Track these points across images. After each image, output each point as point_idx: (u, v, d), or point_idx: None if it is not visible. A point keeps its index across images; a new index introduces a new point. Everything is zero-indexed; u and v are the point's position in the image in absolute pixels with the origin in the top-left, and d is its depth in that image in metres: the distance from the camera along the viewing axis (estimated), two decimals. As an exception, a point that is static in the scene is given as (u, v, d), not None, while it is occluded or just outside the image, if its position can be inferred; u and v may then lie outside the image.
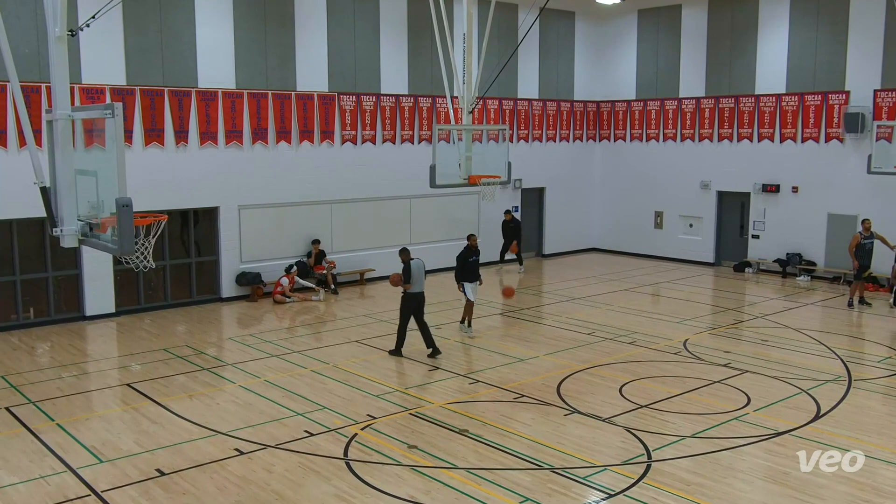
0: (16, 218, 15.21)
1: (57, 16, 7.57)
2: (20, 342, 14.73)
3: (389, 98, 20.44)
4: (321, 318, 16.91)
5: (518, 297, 19.48)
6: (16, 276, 15.64)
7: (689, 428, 10.25)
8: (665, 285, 20.45)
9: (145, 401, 11.44)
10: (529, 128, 23.78)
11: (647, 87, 24.41)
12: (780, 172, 21.59)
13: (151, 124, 16.67)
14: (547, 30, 23.70)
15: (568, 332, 15.36)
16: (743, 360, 13.43)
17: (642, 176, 24.70)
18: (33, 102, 14.48)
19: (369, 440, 9.91)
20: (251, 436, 10.06)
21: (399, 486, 8.61)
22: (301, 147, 18.95)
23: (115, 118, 6.93)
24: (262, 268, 18.48)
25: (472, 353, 13.98)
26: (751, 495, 8.42)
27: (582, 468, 9.07)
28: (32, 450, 9.64)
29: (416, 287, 13.45)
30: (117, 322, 16.32)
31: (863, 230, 17.20)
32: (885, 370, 12.91)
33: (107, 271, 16.38)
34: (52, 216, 7.79)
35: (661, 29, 23.85)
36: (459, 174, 15.76)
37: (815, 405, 11.17)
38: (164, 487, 8.59)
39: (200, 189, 17.45)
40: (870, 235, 17.08)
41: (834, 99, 20.41)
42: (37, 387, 12.04)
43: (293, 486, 8.65)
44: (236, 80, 17.81)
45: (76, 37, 10.28)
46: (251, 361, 13.49)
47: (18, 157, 14.80)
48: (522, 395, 11.61)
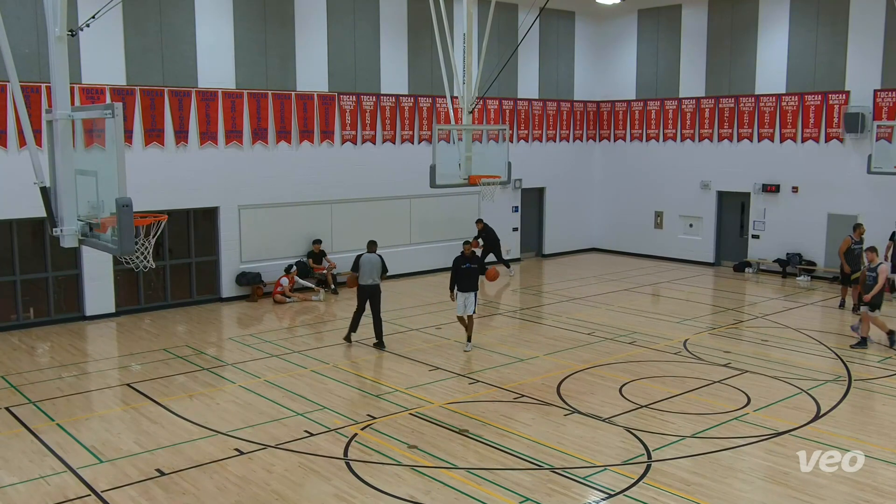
0: (16, 218, 15.22)
1: (57, 16, 7.57)
2: (20, 342, 14.73)
3: (389, 98, 20.44)
4: (321, 318, 16.91)
5: (518, 297, 19.51)
6: (16, 276, 15.63)
7: (689, 428, 10.25)
8: (665, 285, 20.45)
9: (145, 401, 11.44)
10: (529, 128, 23.78)
11: (647, 87, 24.41)
12: (780, 172, 21.59)
13: (151, 124, 16.67)
14: (547, 30, 23.70)
15: (568, 332, 15.36)
16: (743, 360, 13.42)
17: (642, 176, 24.69)
18: (33, 102, 14.48)
19: (369, 440, 9.90)
20: (251, 436, 10.05)
21: (399, 486, 8.61)
22: (301, 147, 18.94)
23: (115, 118, 6.93)
24: (262, 268, 18.48)
25: (472, 353, 13.98)
26: (751, 495, 8.42)
27: (582, 468, 9.07)
28: (32, 450, 9.63)
29: (365, 279, 14.12)
30: (117, 322, 16.32)
31: (854, 235, 16.78)
32: (885, 370, 12.90)
33: (107, 271, 16.38)
34: (52, 216, 7.79)
35: (661, 29, 23.85)
36: (459, 174, 15.76)
37: (815, 405, 11.16)
38: (164, 487, 8.59)
39: (200, 189, 17.45)
40: (860, 241, 16.63)
41: (834, 99, 20.41)
42: (37, 387, 12.04)
43: (293, 486, 8.65)
44: (236, 80, 17.81)
45: (76, 37, 10.29)
46: (251, 361, 13.49)
47: (18, 157, 14.80)
48: (522, 395, 11.61)
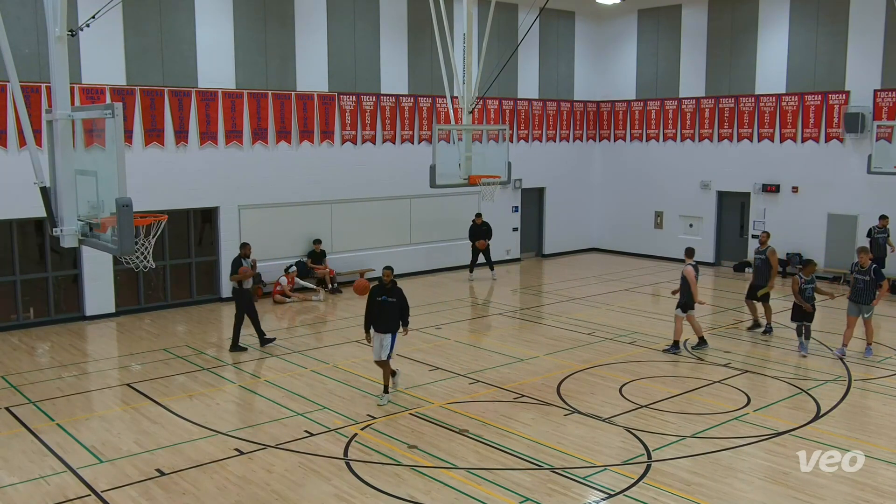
0: (16, 218, 15.22)
1: (57, 16, 7.58)
2: (20, 342, 14.73)
3: (389, 98, 20.44)
4: (321, 318, 16.91)
5: (518, 297, 19.49)
6: (16, 276, 15.64)
7: (689, 428, 10.25)
8: (665, 285, 20.44)
9: (145, 401, 11.44)
10: (529, 128, 23.77)
11: (647, 87, 24.41)
12: (780, 172, 21.59)
13: (151, 124, 16.67)
14: (547, 30, 23.70)
15: (568, 332, 15.36)
16: (743, 360, 13.43)
17: (642, 176, 24.70)
18: (33, 102, 14.48)
19: (369, 440, 9.90)
20: (251, 436, 10.05)
21: (399, 486, 8.61)
22: (301, 147, 18.94)
23: (115, 118, 6.94)
24: (262, 268, 18.44)
25: (472, 353, 13.98)
26: (751, 495, 8.42)
27: (582, 468, 9.07)
28: (32, 450, 9.63)
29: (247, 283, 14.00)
30: (117, 322, 16.32)
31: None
32: (885, 370, 12.91)
33: (107, 271, 16.38)
34: (52, 216, 7.79)
35: (661, 29, 23.84)
36: (459, 174, 15.76)
37: (815, 405, 11.17)
38: (164, 487, 8.59)
39: (200, 189, 17.45)
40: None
41: (834, 99, 20.41)
42: (37, 387, 12.04)
43: (293, 486, 8.65)
44: (236, 80, 17.80)
45: (76, 37, 10.28)
46: (251, 361, 13.49)
47: (18, 157, 14.80)
48: (522, 395, 11.61)
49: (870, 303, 13.52)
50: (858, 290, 13.56)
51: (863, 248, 14.05)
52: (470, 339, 14.92)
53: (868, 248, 14.11)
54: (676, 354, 13.74)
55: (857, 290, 13.58)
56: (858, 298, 13.59)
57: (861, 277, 13.57)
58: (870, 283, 13.47)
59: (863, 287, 13.53)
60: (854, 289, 13.67)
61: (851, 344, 13.83)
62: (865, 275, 13.50)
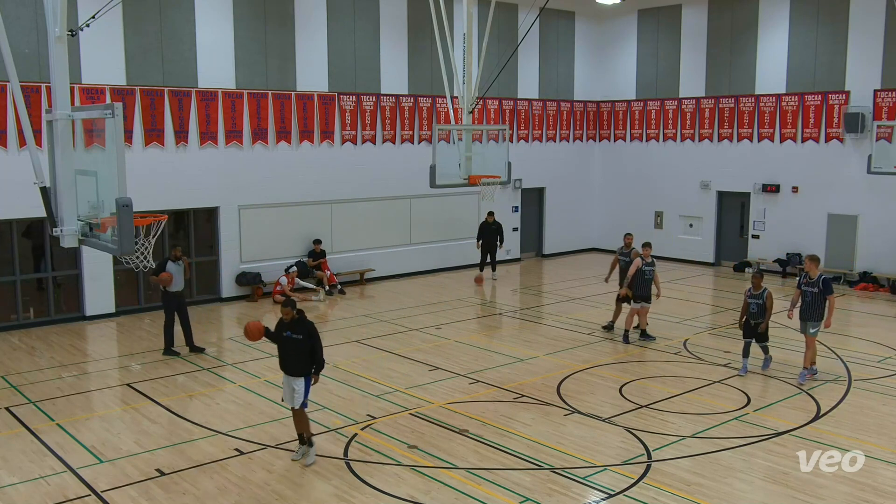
0: (16, 218, 15.22)
1: (57, 16, 7.58)
2: (20, 342, 14.72)
3: (389, 98, 20.44)
4: (321, 318, 16.90)
5: (518, 297, 19.48)
6: (16, 276, 15.63)
7: (689, 428, 10.25)
8: (665, 285, 20.40)
9: (145, 401, 11.44)
10: (529, 128, 23.77)
11: (647, 87, 24.40)
12: (780, 172, 21.59)
13: (151, 124, 16.67)
14: (547, 30, 23.70)
15: (568, 332, 15.36)
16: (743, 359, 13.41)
17: (642, 176, 24.69)
18: (33, 102, 14.48)
19: (369, 440, 9.90)
20: (251, 436, 10.06)
21: (399, 486, 8.61)
22: (301, 147, 18.94)
23: (115, 118, 6.95)
24: (262, 268, 18.48)
25: (472, 353, 13.98)
26: (751, 495, 8.42)
27: (582, 468, 9.07)
28: (32, 450, 9.63)
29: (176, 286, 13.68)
30: (117, 322, 16.32)
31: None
32: (885, 370, 12.90)
33: (107, 271, 16.38)
34: (52, 216, 7.79)
35: (661, 29, 23.84)
36: (459, 174, 15.76)
37: (815, 405, 11.17)
38: (164, 487, 8.59)
39: (200, 189, 17.44)
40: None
41: (834, 99, 20.41)
42: (37, 387, 12.04)
43: (293, 486, 8.65)
44: (236, 80, 17.80)
45: (76, 37, 10.29)
46: (251, 361, 13.48)
47: (18, 157, 14.79)
48: (522, 395, 11.61)
49: (818, 319, 11.98)
50: (806, 303, 12.03)
51: (812, 257, 12.26)
52: (470, 339, 14.92)
53: (817, 256, 12.36)
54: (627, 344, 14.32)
55: (805, 304, 12.05)
56: (804, 314, 12.08)
57: (809, 290, 12.02)
58: (818, 296, 11.95)
59: (810, 300, 11.98)
60: (802, 302, 12.14)
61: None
62: (813, 286, 11.99)
